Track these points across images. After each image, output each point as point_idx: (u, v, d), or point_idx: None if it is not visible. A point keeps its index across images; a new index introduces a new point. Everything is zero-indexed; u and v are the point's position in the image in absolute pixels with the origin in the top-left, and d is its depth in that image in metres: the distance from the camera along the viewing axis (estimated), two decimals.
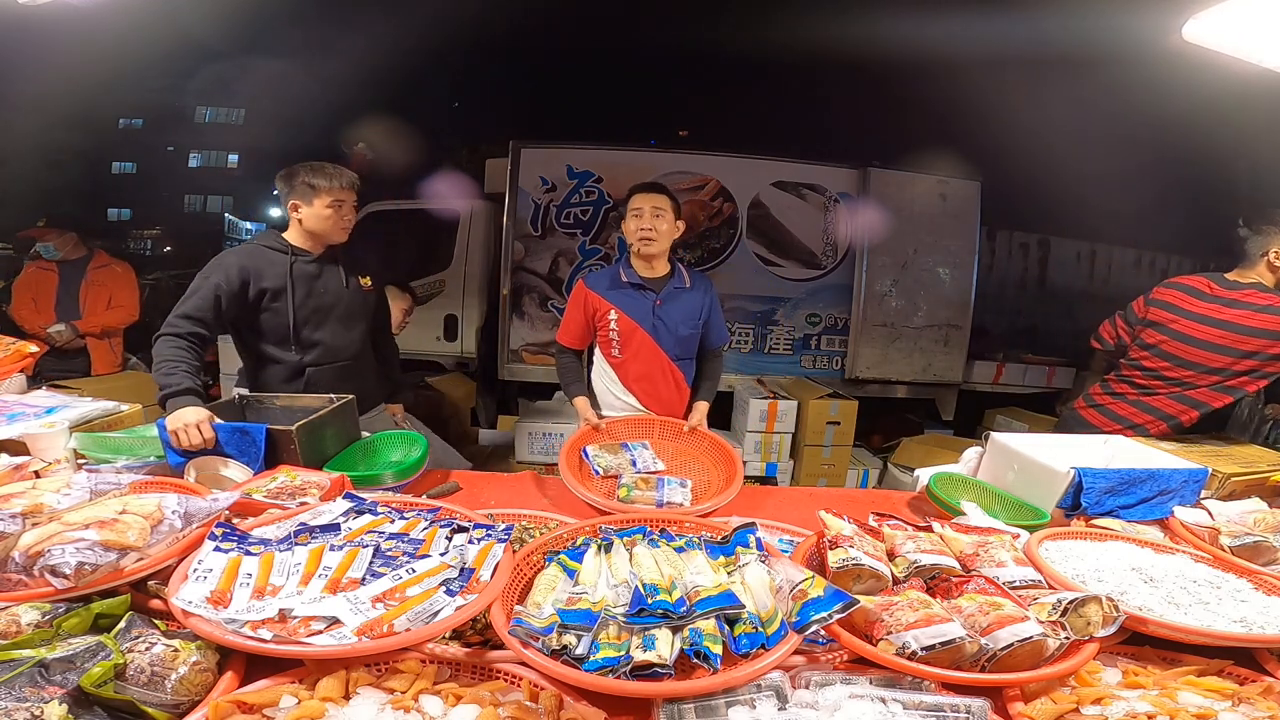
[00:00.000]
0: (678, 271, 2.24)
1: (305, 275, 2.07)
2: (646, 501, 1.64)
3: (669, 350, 2.19)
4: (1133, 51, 3.55)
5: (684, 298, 2.21)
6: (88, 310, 3.61)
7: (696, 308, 2.23)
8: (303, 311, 2.06)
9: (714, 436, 2.03)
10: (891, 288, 4.60)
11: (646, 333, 2.17)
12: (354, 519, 1.21)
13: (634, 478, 1.77)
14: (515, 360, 4.67)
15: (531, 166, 4.49)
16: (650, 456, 1.92)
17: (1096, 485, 1.53)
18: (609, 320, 2.17)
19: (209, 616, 0.92)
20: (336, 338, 2.13)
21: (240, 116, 27.70)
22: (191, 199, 28.55)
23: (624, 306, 2.17)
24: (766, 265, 4.55)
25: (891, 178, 4.56)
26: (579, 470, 1.82)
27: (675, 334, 2.19)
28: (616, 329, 2.18)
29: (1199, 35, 1.67)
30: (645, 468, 1.86)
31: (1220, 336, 2.09)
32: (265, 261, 2.03)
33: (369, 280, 2.24)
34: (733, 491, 1.69)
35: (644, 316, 2.16)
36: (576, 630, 0.94)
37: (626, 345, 2.19)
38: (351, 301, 2.17)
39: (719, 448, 1.97)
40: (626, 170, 4.49)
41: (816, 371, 4.68)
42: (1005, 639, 0.94)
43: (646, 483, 1.74)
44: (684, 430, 2.05)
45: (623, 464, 1.86)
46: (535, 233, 4.54)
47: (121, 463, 1.59)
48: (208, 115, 28.08)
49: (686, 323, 2.20)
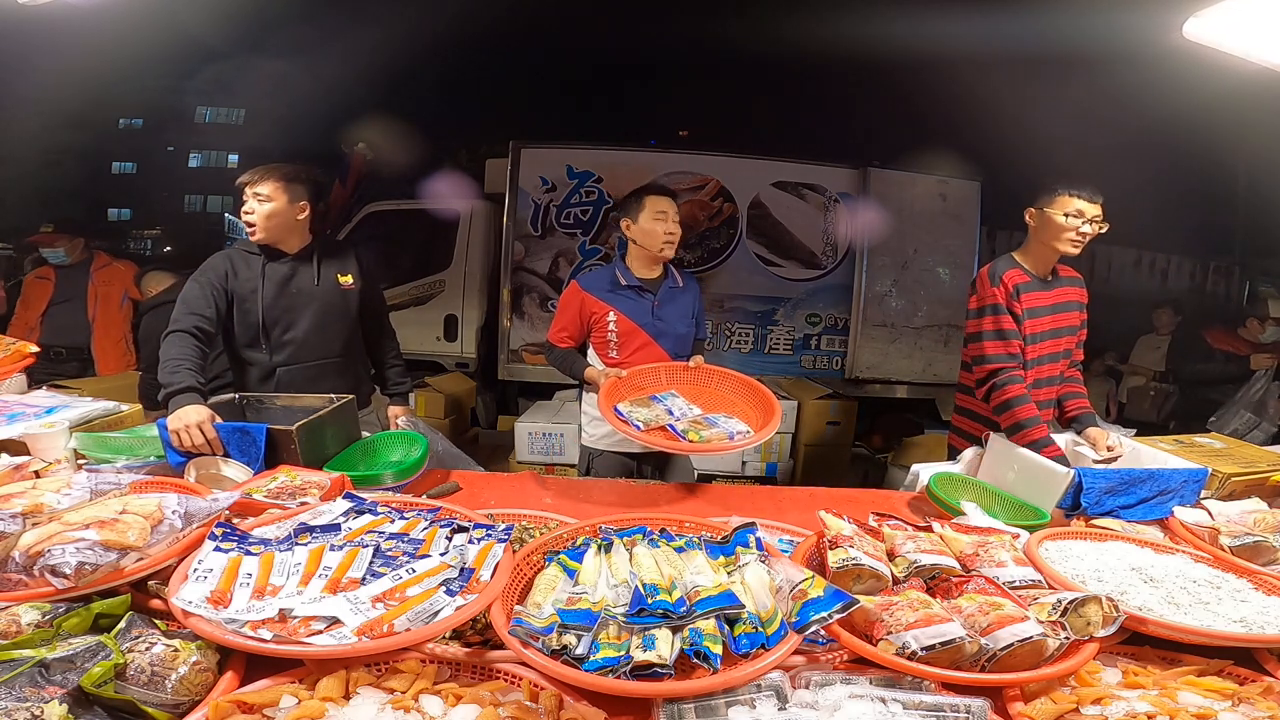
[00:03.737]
0: (670, 272, 2.26)
1: (277, 275, 2.05)
2: (721, 438, 1.76)
3: (669, 350, 2.21)
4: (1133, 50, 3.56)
5: (678, 298, 2.25)
6: (100, 310, 3.60)
7: (689, 306, 2.27)
8: (273, 311, 2.04)
9: (725, 370, 2.09)
10: (891, 288, 4.60)
11: (647, 334, 2.17)
12: (354, 519, 1.21)
13: (688, 423, 1.82)
14: (515, 360, 4.67)
15: (531, 166, 4.50)
16: (683, 403, 1.94)
17: (1096, 485, 1.53)
18: (607, 323, 2.16)
19: (209, 616, 0.92)
20: (309, 337, 2.09)
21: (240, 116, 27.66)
22: (191, 199, 28.51)
23: (623, 309, 2.16)
24: (766, 265, 4.56)
25: (891, 178, 4.56)
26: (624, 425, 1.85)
27: (674, 333, 2.21)
28: (615, 331, 2.17)
29: (1199, 33, 1.67)
30: (684, 414, 1.88)
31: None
32: (242, 263, 2.04)
33: (350, 278, 2.17)
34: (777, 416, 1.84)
35: (644, 318, 2.17)
36: (576, 630, 0.94)
37: (625, 347, 2.18)
38: (328, 301, 2.12)
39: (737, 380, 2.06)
40: (626, 170, 4.49)
41: (816, 371, 4.69)
42: (1005, 639, 0.94)
43: (699, 424, 1.81)
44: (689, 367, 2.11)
45: (660, 414, 1.87)
46: (535, 233, 4.54)
47: (121, 463, 1.59)
48: (208, 115, 28.03)
49: (683, 321, 2.24)
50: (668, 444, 1.79)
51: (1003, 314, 2.01)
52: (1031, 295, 2.04)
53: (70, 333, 3.55)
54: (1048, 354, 2.09)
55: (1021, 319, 2.02)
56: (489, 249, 5.06)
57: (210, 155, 28.67)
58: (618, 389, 2.00)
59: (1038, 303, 2.06)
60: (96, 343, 3.61)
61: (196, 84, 23.74)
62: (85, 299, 3.59)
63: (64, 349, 3.53)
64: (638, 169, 4.52)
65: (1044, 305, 2.07)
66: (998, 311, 2.01)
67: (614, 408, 1.89)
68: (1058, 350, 2.12)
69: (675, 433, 1.79)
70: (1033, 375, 2.06)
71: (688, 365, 2.12)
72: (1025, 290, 2.03)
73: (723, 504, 1.73)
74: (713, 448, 1.78)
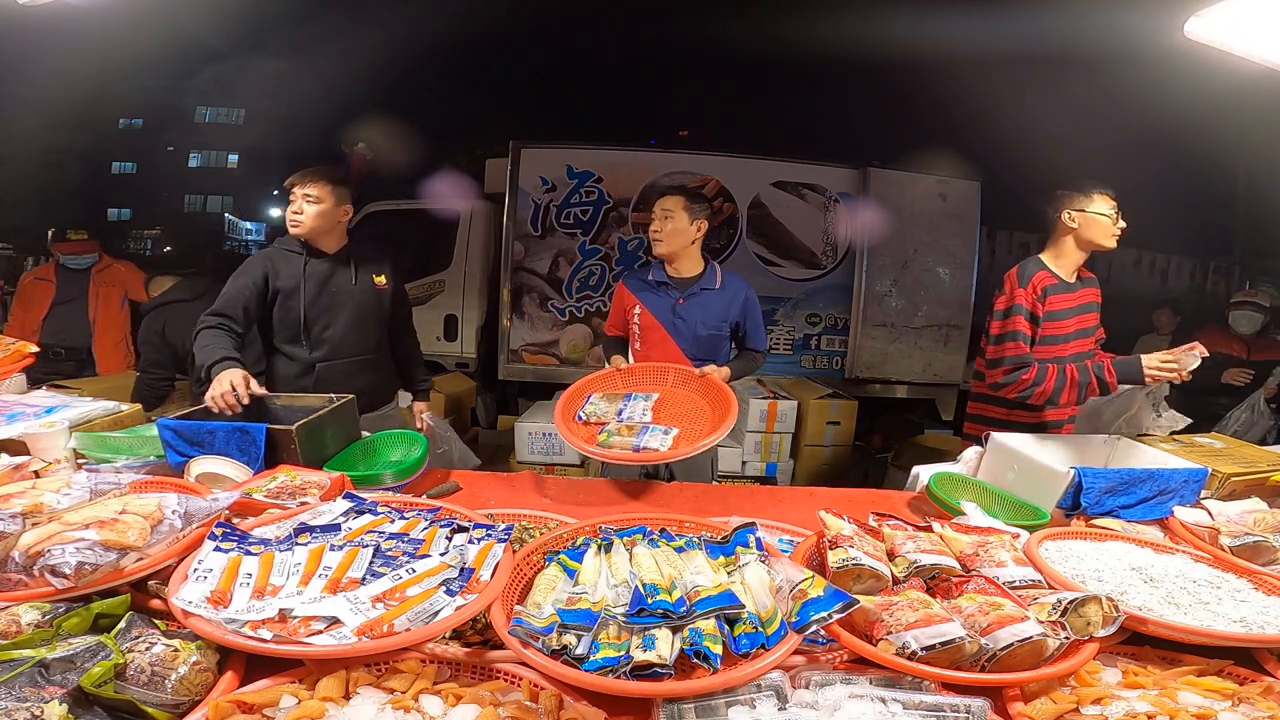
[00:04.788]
0: (710, 273, 2.28)
1: (318, 274, 2.14)
2: (624, 446, 1.76)
3: (686, 349, 2.22)
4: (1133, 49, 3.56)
5: (709, 299, 2.24)
6: (101, 312, 3.61)
7: (722, 310, 2.24)
8: (314, 309, 2.13)
9: (721, 385, 2.03)
10: (891, 288, 4.60)
11: (665, 330, 2.23)
12: (354, 519, 1.21)
13: (618, 425, 1.85)
14: (515, 360, 4.67)
15: (531, 166, 4.50)
16: (643, 408, 1.95)
17: (1096, 485, 1.53)
18: (634, 315, 2.28)
19: (209, 616, 0.92)
20: (347, 335, 2.18)
21: (240, 116, 27.67)
22: (191, 199, 28.52)
23: (648, 303, 2.26)
24: (766, 265, 4.55)
25: (891, 178, 4.56)
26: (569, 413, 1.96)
27: (694, 334, 2.22)
28: (638, 323, 2.28)
29: (1200, 33, 1.67)
30: (630, 418, 1.90)
31: None
32: (283, 261, 2.12)
33: (384, 279, 2.28)
34: (706, 443, 1.77)
35: (664, 314, 2.24)
36: (576, 630, 0.94)
37: (646, 339, 2.27)
38: (364, 300, 2.22)
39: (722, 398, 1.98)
40: (626, 170, 4.49)
41: (816, 371, 4.68)
42: (1005, 639, 0.94)
43: (630, 429, 1.81)
44: (696, 375, 2.08)
45: (608, 413, 1.94)
46: (535, 233, 4.54)
47: (121, 463, 1.59)
48: (208, 115, 28.03)
49: (707, 324, 2.23)
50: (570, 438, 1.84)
51: (1026, 316, 2.03)
52: (1058, 298, 2.05)
53: (71, 333, 3.55)
54: (1070, 355, 2.08)
55: (1042, 321, 2.04)
56: (489, 249, 5.06)
57: (210, 155, 28.67)
58: (611, 378, 2.12)
59: (1063, 305, 2.06)
60: (97, 344, 3.61)
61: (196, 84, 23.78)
62: (87, 300, 3.59)
63: (63, 349, 3.52)
64: (638, 169, 4.52)
65: (1069, 308, 2.08)
66: (1022, 314, 2.03)
67: (588, 396, 2.02)
68: (1082, 351, 2.11)
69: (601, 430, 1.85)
70: None
71: (693, 372, 2.09)
72: (1052, 293, 2.05)
73: (723, 504, 1.72)
74: (613, 456, 1.79)
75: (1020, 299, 2.03)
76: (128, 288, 3.74)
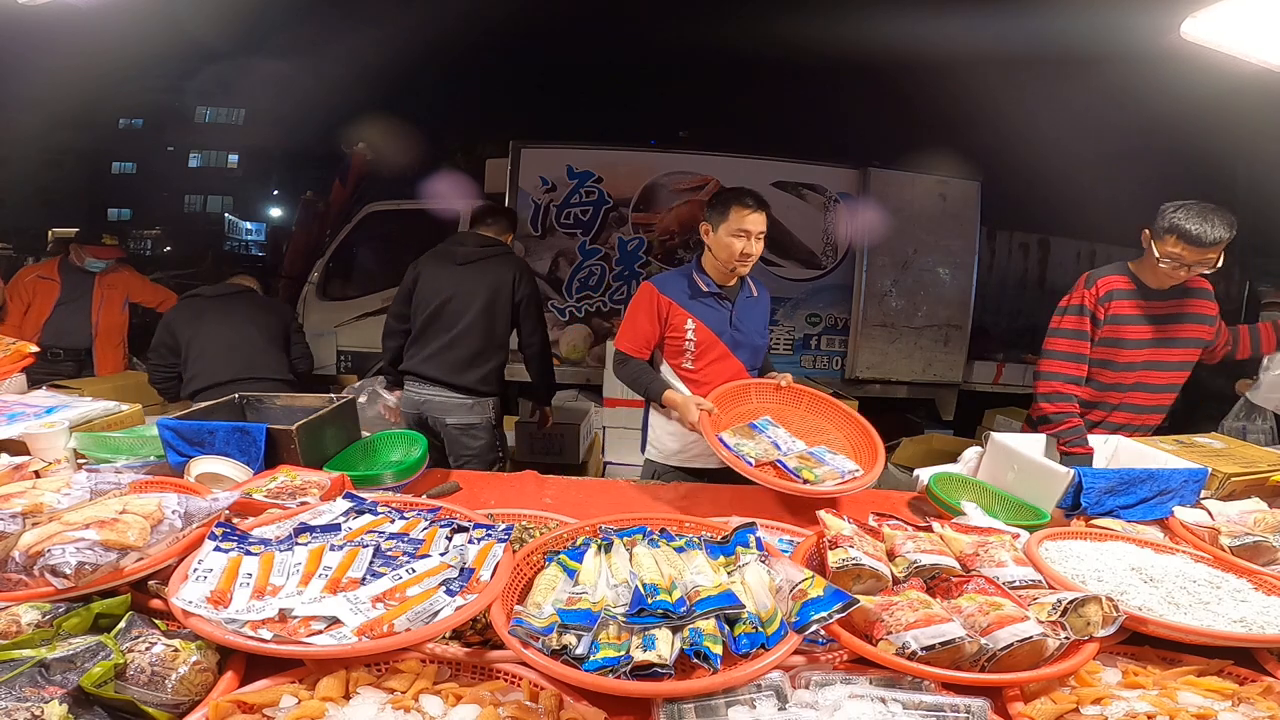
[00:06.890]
0: (744, 280, 2.12)
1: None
2: (833, 477, 1.67)
3: (745, 361, 2.10)
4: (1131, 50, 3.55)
5: (753, 308, 2.14)
6: (104, 314, 3.62)
7: (762, 316, 2.18)
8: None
9: (814, 392, 2.02)
10: (891, 288, 4.60)
11: (725, 345, 2.05)
12: (354, 519, 1.21)
13: (797, 459, 1.74)
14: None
15: (531, 166, 4.50)
16: (786, 435, 1.87)
17: (1096, 485, 1.53)
18: (685, 330, 2.03)
19: (209, 616, 0.92)
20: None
21: (240, 116, 27.69)
22: (191, 199, 28.55)
23: (703, 317, 2.03)
24: (766, 265, 4.55)
25: (891, 177, 4.56)
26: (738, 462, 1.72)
27: (751, 344, 2.11)
28: (693, 339, 2.03)
29: (1198, 33, 1.67)
30: (790, 449, 1.81)
31: None
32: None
33: None
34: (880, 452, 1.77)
35: (722, 328, 2.05)
36: (576, 630, 0.94)
37: (702, 357, 2.05)
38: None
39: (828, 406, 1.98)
40: (626, 170, 4.49)
41: (816, 371, 4.69)
42: (1005, 639, 0.94)
43: (811, 461, 1.73)
44: (780, 387, 2.01)
45: (767, 449, 1.79)
46: (535, 233, 4.54)
47: (121, 463, 1.59)
48: (208, 115, 28.06)
49: (759, 332, 2.15)
50: (782, 484, 1.63)
51: (1083, 316, 2.04)
52: (1128, 303, 2.03)
53: (71, 334, 3.56)
54: (1144, 361, 2.06)
55: (1102, 324, 2.03)
56: None
57: (210, 155, 28.69)
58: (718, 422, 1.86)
59: (1135, 310, 2.03)
60: (98, 345, 3.62)
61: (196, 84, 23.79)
62: (90, 302, 3.60)
63: (62, 350, 3.53)
64: (638, 169, 4.52)
65: (1145, 314, 2.04)
66: (1079, 313, 2.04)
67: (719, 437, 1.77)
68: (1170, 359, 2.08)
69: (788, 470, 1.68)
70: (1134, 378, 2.07)
71: (778, 385, 2.01)
72: (1120, 297, 2.03)
73: (723, 504, 1.72)
74: (829, 491, 1.62)
75: (1078, 299, 2.06)
76: (130, 290, 3.75)
